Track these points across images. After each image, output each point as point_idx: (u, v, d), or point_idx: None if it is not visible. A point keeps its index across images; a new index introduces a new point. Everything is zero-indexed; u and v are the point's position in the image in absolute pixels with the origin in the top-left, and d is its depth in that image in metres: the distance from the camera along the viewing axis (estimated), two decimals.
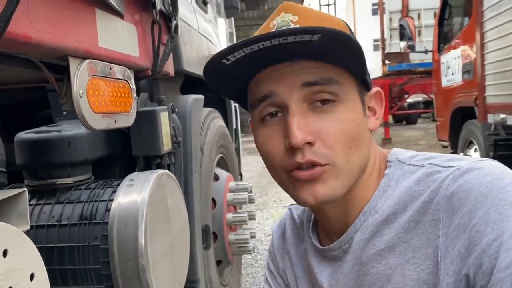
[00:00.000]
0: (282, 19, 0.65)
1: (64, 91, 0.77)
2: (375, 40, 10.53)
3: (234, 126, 3.15)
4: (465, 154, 4.63)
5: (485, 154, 4.08)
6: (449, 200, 0.58)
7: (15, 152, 1.37)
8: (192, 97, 1.94)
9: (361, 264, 0.68)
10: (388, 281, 0.64)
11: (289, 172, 0.64)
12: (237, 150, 3.27)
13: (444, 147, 5.71)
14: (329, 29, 0.58)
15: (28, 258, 0.73)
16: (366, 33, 11.01)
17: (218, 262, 2.38)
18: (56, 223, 1.32)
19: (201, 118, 2.09)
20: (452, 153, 5.43)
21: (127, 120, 0.98)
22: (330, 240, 0.73)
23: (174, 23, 1.20)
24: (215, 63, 0.62)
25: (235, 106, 3.22)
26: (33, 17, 0.61)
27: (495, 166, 0.60)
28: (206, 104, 2.16)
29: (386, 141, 10.94)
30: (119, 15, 0.89)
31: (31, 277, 0.72)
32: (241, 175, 3.34)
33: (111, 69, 0.88)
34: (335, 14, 12.62)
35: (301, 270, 0.82)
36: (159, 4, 1.07)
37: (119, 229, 1.27)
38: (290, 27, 0.63)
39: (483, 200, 0.55)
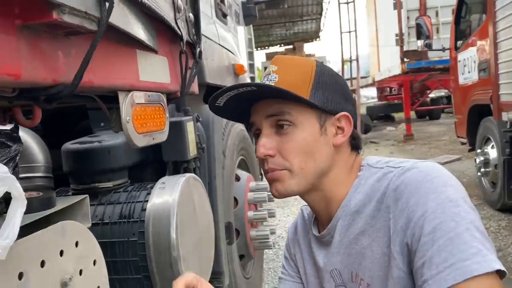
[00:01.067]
0: (268, 69, 0.92)
1: (114, 117, 0.95)
2: (397, 35, 10.44)
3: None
4: (483, 151, 4.66)
5: (501, 151, 4.12)
6: (394, 192, 0.77)
7: (62, 161, 1.49)
8: None
9: (345, 246, 0.86)
10: (363, 258, 0.82)
11: (265, 174, 0.90)
12: None
13: (463, 143, 5.70)
14: (261, 84, 0.87)
15: (92, 248, 0.88)
16: (388, 28, 10.92)
17: (241, 257, 2.44)
18: (99, 221, 1.43)
19: (222, 124, 2.17)
20: (470, 150, 5.45)
21: (162, 136, 1.12)
22: (323, 229, 0.93)
23: (198, 50, 1.34)
24: (213, 106, 0.92)
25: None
26: (95, 68, 0.76)
27: (428, 165, 0.79)
28: None
29: (408, 138, 10.77)
30: (154, 51, 1.04)
31: (94, 262, 0.88)
32: (261, 175, 3.40)
33: (149, 96, 1.02)
34: (354, 12, 12.51)
35: (307, 254, 1.01)
36: (185, 36, 1.21)
37: (154, 226, 1.38)
38: (266, 79, 0.90)
39: (416, 190, 0.74)
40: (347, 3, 12.76)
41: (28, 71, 0.61)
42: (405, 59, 9.51)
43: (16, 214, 0.60)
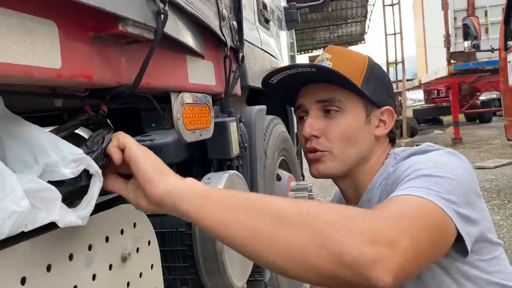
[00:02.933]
0: (321, 57, 0.96)
1: (166, 115, 1.06)
2: (444, 36, 10.22)
3: (296, 130, 3.19)
4: None
5: None
6: (393, 176, 0.87)
7: None
8: (256, 107, 2.11)
9: None
10: None
11: (306, 154, 0.97)
12: (298, 152, 3.36)
13: None
14: (321, 66, 0.92)
15: (147, 230, 0.98)
16: (437, 28, 10.64)
17: None
18: (151, 213, 1.57)
19: (264, 125, 2.23)
20: None
21: (208, 133, 1.19)
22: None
23: (241, 54, 1.41)
24: (265, 82, 1.00)
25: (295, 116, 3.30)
26: (151, 71, 0.85)
27: (429, 154, 0.87)
28: (268, 112, 2.30)
29: (457, 141, 10.45)
30: (201, 56, 1.12)
31: (149, 243, 0.97)
32: (303, 176, 3.41)
33: (196, 97, 1.10)
34: (400, 13, 12.32)
35: None
36: (229, 42, 1.29)
37: None
38: (320, 63, 0.96)
39: (407, 170, 0.82)
40: (392, 5, 12.58)
41: (98, 74, 0.71)
42: (452, 61, 9.26)
43: (94, 188, 0.69)
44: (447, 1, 9.84)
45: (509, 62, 5.23)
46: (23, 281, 0.63)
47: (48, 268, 0.68)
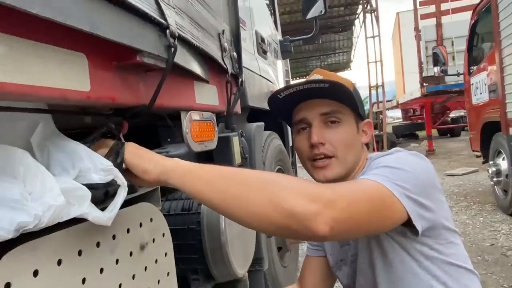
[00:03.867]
0: (313, 77, 0.99)
1: (178, 130, 1.09)
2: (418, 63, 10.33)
3: (290, 144, 3.20)
4: (495, 162, 4.53)
5: (511, 162, 4.00)
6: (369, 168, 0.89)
7: None
8: (255, 124, 2.12)
9: None
10: None
11: (312, 161, 0.96)
12: (294, 163, 3.34)
13: (477, 156, 5.54)
14: (334, 81, 0.93)
15: (161, 224, 0.99)
16: (412, 56, 10.77)
17: (279, 249, 2.48)
18: (166, 213, 1.52)
19: (262, 139, 2.24)
20: (483, 162, 5.27)
21: (212, 145, 1.23)
22: None
23: (240, 79, 1.45)
24: (274, 96, 0.99)
25: (291, 130, 3.34)
26: (164, 94, 0.89)
27: (395, 154, 0.90)
28: (266, 128, 2.31)
29: (430, 152, 10.42)
30: (206, 81, 1.15)
31: (163, 235, 0.99)
32: None
33: (202, 115, 1.14)
34: (380, 44, 12.42)
35: None
36: (230, 70, 1.33)
37: (207, 217, 1.46)
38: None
39: (378, 165, 0.85)
40: (373, 37, 12.68)
41: (120, 96, 0.76)
42: (424, 84, 9.32)
43: (120, 196, 0.73)
44: (420, 33, 9.94)
45: (472, 84, 5.26)
46: (59, 262, 0.66)
47: (79, 253, 0.71)
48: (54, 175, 0.66)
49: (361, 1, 12.93)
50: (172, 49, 0.82)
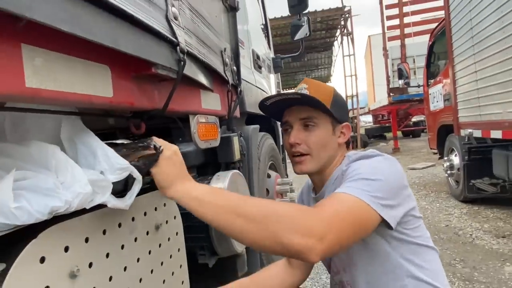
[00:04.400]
0: (300, 86, 0.98)
1: (186, 130, 1.08)
2: (386, 77, 10.39)
3: (281, 143, 3.16)
4: (449, 158, 4.54)
5: (462, 158, 4.00)
6: (346, 173, 0.85)
7: None
8: (252, 127, 2.09)
9: None
10: None
11: (292, 156, 0.97)
12: (283, 159, 3.37)
13: (434, 153, 5.56)
14: (305, 94, 0.92)
15: (173, 209, 0.98)
16: (380, 71, 10.85)
17: None
18: None
19: (257, 139, 2.20)
20: (439, 158, 5.29)
21: (216, 143, 1.22)
22: (316, 194, 1.02)
23: (239, 89, 1.45)
24: (262, 103, 1.00)
25: (281, 130, 3.34)
26: (176, 100, 0.87)
27: (368, 161, 0.86)
28: (261, 130, 2.29)
29: (396, 150, 10.43)
30: (211, 90, 1.14)
31: (174, 217, 0.99)
32: (286, 174, 3.35)
33: (207, 118, 1.13)
34: (354, 62, 12.44)
35: (307, 203, 1.12)
36: (230, 81, 1.32)
37: None
38: (301, 91, 0.97)
39: (353, 171, 0.81)
40: (349, 55, 12.71)
41: (138, 101, 0.75)
42: (391, 94, 9.35)
43: (135, 188, 0.71)
44: (387, 53, 9.96)
45: (430, 94, 5.27)
46: (86, 240, 0.65)
47: (104, 232, 0.70)
48: (82, 167, 0.65)
49: (339, 26, 12.94)
50: (182, 62, 0.81)
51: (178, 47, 0.80)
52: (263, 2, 3.67)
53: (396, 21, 9.53)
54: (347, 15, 12.01)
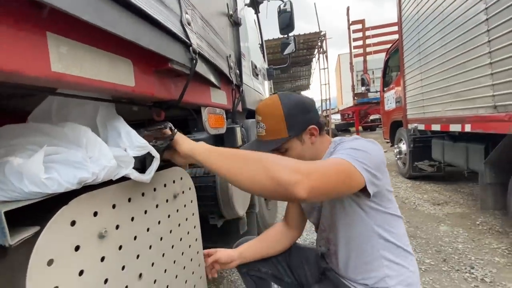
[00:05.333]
0: (257, 118, 0.84)
1: (199, 120, 1.00)
2: (351, 85, 10.32)
3: None
4: (398, 146, 4.49)
5: (408, 146, 3.95)
6: (334, 151, 0.76)
7: None
8: (251, 120, 1.96)
9: None
10: None
11: None
12: None
13: (387, 142, 5.52)
14: (261, 145, 0.80)
15: (188, 181, 0.91)
16: (347, 81, 10.78)
17: (265, 199, 2.41)
18: (193, 176, 1.47)
19: (255, 131, 2.19)
20: (391, 146, 5.25)
21: (222, 131, 1.13)
22: None
23: (241, 89, 1.38)
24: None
25: None
26: (190, 93, 0.80)
27: (356, 140, 0.77)
28: None
29: None
30: (219, 88, 1.05)
31: (189, 188, 0.91)
32: None
33: (216, 110, 1.05)
34: (328, 73, 12.27)
35: None
36: (234, 82, 1.24)
37: (220, 178, 1.41)
38: (259, 126, 0.84)
39: (340, 148, 0.73)
40: (324, 69, 12.55)
41: (157, 92, 0.67)
42: (355, 98, 9.27)
43: (154, 164, 0.64)
44: (353, 66, 9.83)
45: (385, 98, 5.20)
46: (113, 206, 0.58)
47: (129, 200, 0.63)
48: (110, 146, 0.57)
49: (316, 46, 12.74)
50: (194, 61, 0.73)
51: (191, 48, 0.72)
52: (259, 27, 3.57)
53: (360, 42, 9.38)
54: (323, 38, 11.81)
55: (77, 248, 0.48)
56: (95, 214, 0.53)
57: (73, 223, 0.48)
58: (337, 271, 0.87)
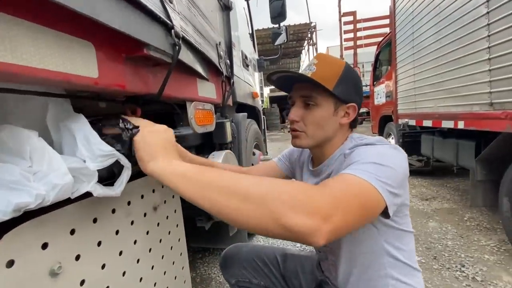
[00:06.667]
0: (311, 61, 0.73)
1: (184, 116, 0.88)
2: None
3: (263, 127, 3.05)
4: (387, 140, 4.53)
5: (397, 141, 3.97)
6: (350, 156, 0.63)
7: None
8: (241, 114, 1.94)
9: (320, 179, 0.75)
10: None
11: (291, 131, 0.74)
12: (265, 140, 3.24)
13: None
14: (303, 75, 0.68)
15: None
16: None
17: None
18: None
19: (245, 124, 2.03)
20: None
21: (211, 127, 1.03)
22: (314, 167, 0.80)
23: (232, 81, 1.25)
24: (269, 78, 0.74)
25: (263, 117, 3.21)
26: (172, 86, 0.69)
27: (379, 148, 0.63)
28: (248, 117, 2.15)
29: None
30: (207, 79, 0.95)
31: (173, 196, 0.78)
32: (267, 152, 3.31)
33: (204, 105, 0.94)
34: None
35: (299, 172, 0.88)
36: (224, 73, 1.13)
37: None
38: (307, 68, 0.72)
39: (360, 155, 0.60)
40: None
41: (130, 85, 0.54)
42: None
43: (124, 175, 0.51)
44: (343, 59, 9.79)
45: (375, 92, 5.18)
46: (72, 232, 0.46)
47: (94, 220, 0.50)
48: (66, 154, 0.44)
49: (306, 38, 12.60)
50: (177, 47, 0.60)
51: (172, 31, 0.59)
52: (250, 15, 3.41)
53: (351, 35, 9.31)
54: (313, 29, 11.66)
55: None
56: (44, 246, 0.41)
57: (10, 263, 0.36)
58: (336, 284, 0.79)
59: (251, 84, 2.69)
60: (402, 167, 0.60)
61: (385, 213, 0.58)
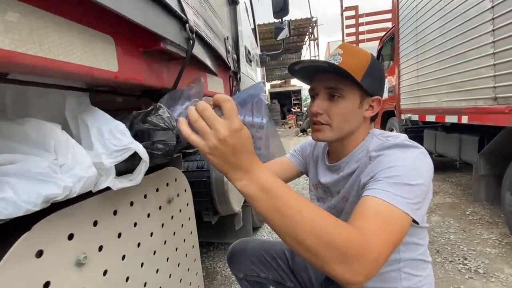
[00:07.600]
0: (335, 51, 0.70)
1: None
2: None
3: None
4: None
5: None
6: (376, 160, 0.61)
7: None
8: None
9: (340, 176, 0.72)
10: (350, 185, 0.69)
11: (312, 124, 0.71)
12: None
13: None
14: (333, 64, 0.64)
15: (184, 182, 0.81)
16: None
17: None
18: (186, 170, 1.38)
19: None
20: None
21: None
22: (331, 162, 0.77)
23: (238, 76, 1.26)
24: (291, 68, 0.70)
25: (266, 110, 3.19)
26: (185, 81, 0.69)
27: (404, 159, 0.59)
28: None
29: None
30: (215, 75, 0.95)
31: (185, 190, 0.81)
32: None
33: (212, 100, 0.97)
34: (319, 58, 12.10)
35: (313, 166, 0.85)
36: (232, 68, 1.13)
37: (215, 172, 1.34)
38: (332, 58, 0.68)
39: (389, 167, 0.57)
40: (314, 56, 12.37)
41: (147, 79, 0.55)
42: None
43: (142, 166, 0.51)
44: None
45: None
46: (95, 223, 0.47)
47: (115, 213, 0.51)
48: (85, 148, 0.45)
49: (307, 33, 12.51)
50: (191, 41, 0.60)
51: (187, 25, 0.59)
52: (252, 11, 3.39)
53: (352, 29, 9.22)
54: (314, 24, 11.57)
55: (46, 285, 0.37)
56: (70, 237, 0.42)
57: (39, 253, 0.37)
58: None
59: (254, 79, 2.68)
60: (430, 176, 0.58)
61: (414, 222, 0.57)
